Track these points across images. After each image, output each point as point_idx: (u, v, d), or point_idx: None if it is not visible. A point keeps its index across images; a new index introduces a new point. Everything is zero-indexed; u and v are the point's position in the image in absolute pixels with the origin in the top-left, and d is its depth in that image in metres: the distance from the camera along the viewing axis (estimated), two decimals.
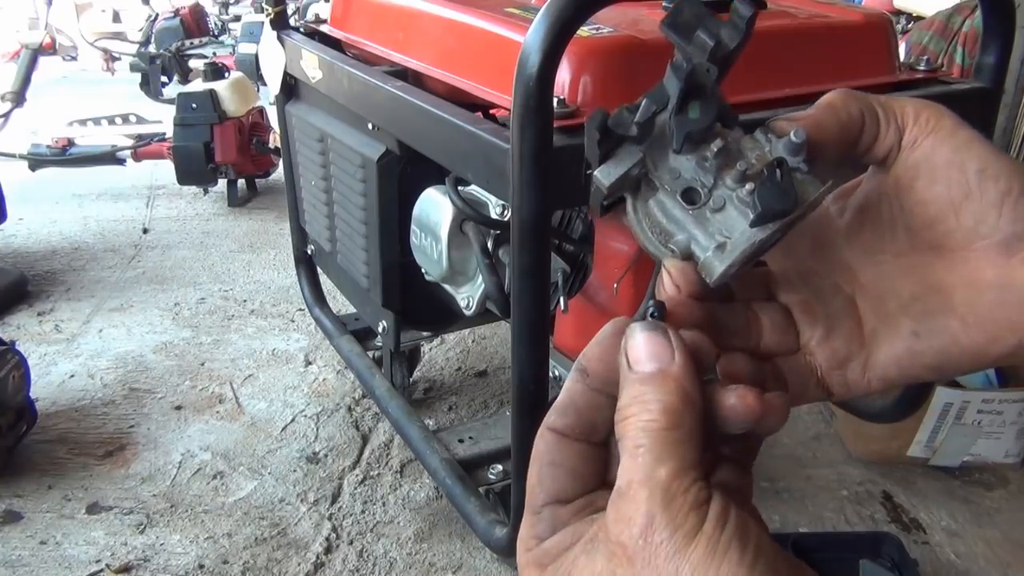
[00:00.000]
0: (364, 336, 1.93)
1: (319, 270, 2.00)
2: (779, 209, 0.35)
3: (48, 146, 3.25)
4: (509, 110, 0.91)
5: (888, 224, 0.40)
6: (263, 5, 1.87)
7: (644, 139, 0.38)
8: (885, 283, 0.40)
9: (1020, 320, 0.37)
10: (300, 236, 1.96)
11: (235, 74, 3.27)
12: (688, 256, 0.37)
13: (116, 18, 5.69)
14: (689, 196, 0.37)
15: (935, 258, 0.39)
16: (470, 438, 1.52)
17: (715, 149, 0.37)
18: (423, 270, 1.47)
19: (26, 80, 3.13)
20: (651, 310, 0.35)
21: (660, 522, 0.29)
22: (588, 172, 0.39)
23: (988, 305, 0.37)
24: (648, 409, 0.32)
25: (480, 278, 1.34)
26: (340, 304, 2.26)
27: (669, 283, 0.38)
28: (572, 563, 0.33)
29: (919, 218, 0.39)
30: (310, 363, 2.16)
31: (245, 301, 2.51)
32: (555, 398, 0.37)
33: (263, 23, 1.81)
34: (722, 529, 0.29)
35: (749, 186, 0.36)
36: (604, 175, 0.38)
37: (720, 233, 0.37)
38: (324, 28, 1.70)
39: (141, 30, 4.68)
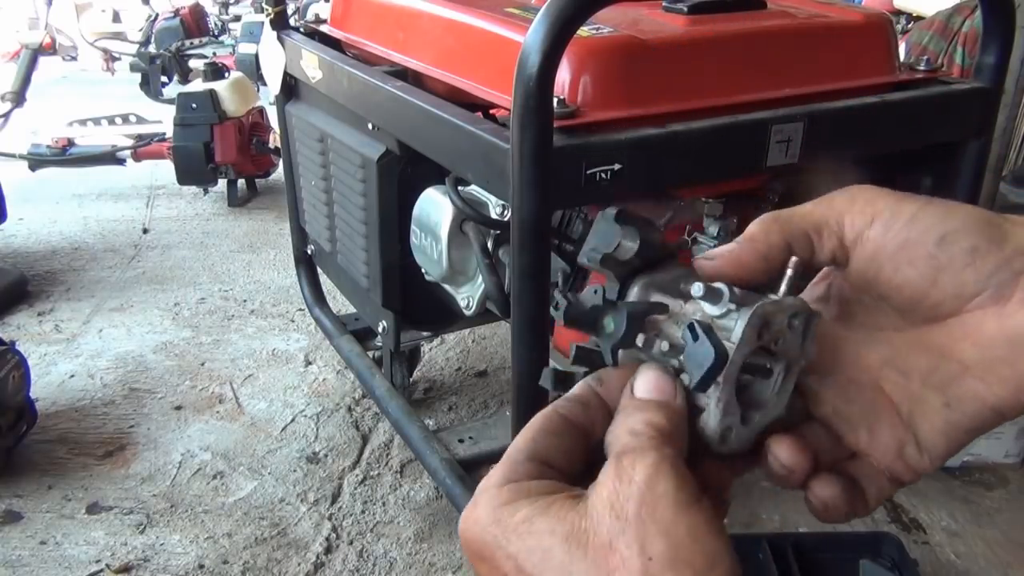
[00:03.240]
0: (364, 336, 1.93)
1: (319, 270, 2.00)
2: (707, 368, 0.35)
3: (48, 146, 3.25)
4: (509, 110, 0.91)
5: (874, 308, 0.40)
6: (263, 5, 1.87)
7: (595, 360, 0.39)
8: (900, 360, 0.39)
9: None
10: (300, 236, 1.96)
11: (235, 74, 3.27)
12: None
13: (116, 18, 5.69)
14: None
15: (932, 327, 0.38)
16: (470, 438, 1.52)
17: (640, 344, 0.37)
18: (423, 270, 1.47)
19: (26, 80, 3.13)
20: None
21: (667, 475, 0.32)
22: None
23: (1000, 359, 0.36)
24: (650, 416, 0.35)
25: (480, 278, 1.34)
26: (340, 304, 2.26)
27: None
28: (554, 503, 0.33)
29: (898, 302, 0.38)
30: (310, 363, 2.16)
31: (245, 301, 2.51)
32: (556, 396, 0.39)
33: (263, 23, 1.81)
34: (717, 510, 0.32)
35: (678, 360, 0.37)
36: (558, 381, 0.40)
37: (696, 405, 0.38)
38: (324, 28, 1.70)
39: (141, 30, 4.69)
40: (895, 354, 0.39)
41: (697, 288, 0.36)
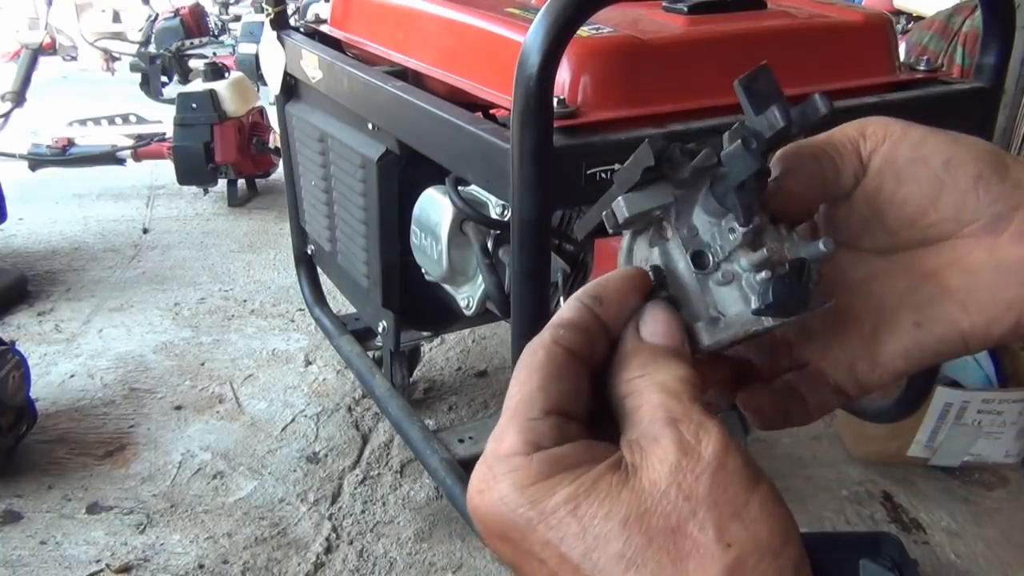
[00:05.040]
0: (364, 336, 1.93)
1: (319, 270, 2.00)
2: (787, 308, 0.34)
3: (48, 146, 3.25)
4: (509, 110, 0.91)
5: (861, 229, 0.40)
6: (263, 5, 1.87)
7: (684, 186, 0.36)
8: (877, 280, 0.40)
9: (1017, 297, 0.36)
10: (300, 236, 1.96)
11: (235, 74, 3.27)
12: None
13: (116, 18, 5.69)
14: (699, 259, 0.37)
15: (922, 250, 0.39)
16: (470, 438, 1.52)
17: (751, 226, 0.36)
18: (423, 270, 1.47)
19: (26, 80, 3.13)
20: (655, 284, 0.36)
21: (735, 450, 0.29)
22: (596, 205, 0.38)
23: (984, 286, 0.37)
24: (676, 370, 0.33)
25: (480, 278, 1.34)
26: (340, 304, 2.26)
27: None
28: (599, 478, 0.29)
29: (895, 220, 0.39)
30: (310, 363, 2.16)
31: (245, 301, 2.51)
32: None
33: (263, 23, 1.81)
34: (773, 484, 0.30)
35: (765, 274, 0.35)
36: (628, 205, 0.36)
37: (715, 307, 0.36)
38: (324, 28, 1.69)
39: (141, 30, 4.68)
40: (873, 275, 0.40)
41: (828, 243, 0.36)
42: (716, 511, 0.28)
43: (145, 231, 3.05)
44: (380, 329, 1.62)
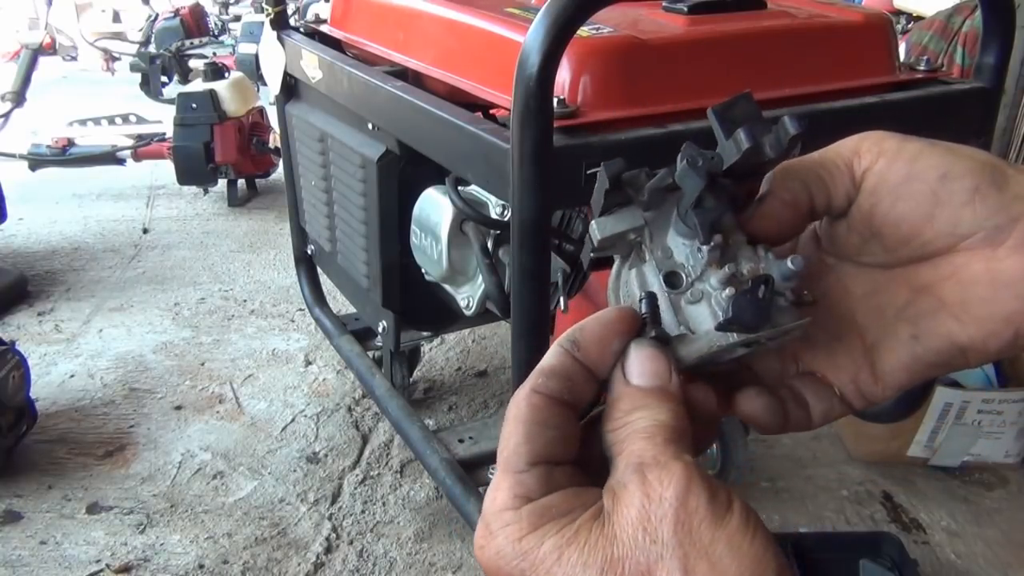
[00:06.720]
0: (364, 336, 1.93)
1: (319, 270, 2.00)
2: (747, 323, 0.35)
3: (48, 146, 3.25)
4: (509, 110, 0.91)
5: (860, 246, 0.40)
6: (263, 5, 1.87)
7: (650, 207, 0.37)
8: (879, 293, 0.40)
9: (1015, 310, 0.36)
10: (300, 236, 1.96)
11: (235, 74, 3.27)
12: None
13: (116, 18, 5.69)
14: (671, 279, 0.38)
15: (918, 265, 0.39)
16: (470, 438, 1.52)
17: (712, 243, 0.37)
18: (423, 270, 1.47)
19: (26, 80, 3.13)
20: (646, 315, 0.37)
21: (697, 489, 0.30)
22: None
23: (980, 299, 0.37)
24: (656, 414, 0.33)
25: (480, 278, 1.34)
26: (340, 304, 2.26)
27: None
28: (581, 527, 0.31)
29: (891, 239, 0.38)
30: (310, 363, 2.16)
31: (245, 301, 2.51)
32: None
33: (263, 23, 1.81)
34: (749, 511, 0.30)
35: (730, 291, 0.36)
36: (600, 227, 0.37)
37: (687, 325, 0.37)
38: (324, 28, 1.69)
39: (141, 30, 4.68)
40: (875, 288, 0.40)
41: (797, 261, 0.36)
42: (681, 552, 0.28)
43: (145, 231, 3.05)
44: (380, 329, 1.62)
